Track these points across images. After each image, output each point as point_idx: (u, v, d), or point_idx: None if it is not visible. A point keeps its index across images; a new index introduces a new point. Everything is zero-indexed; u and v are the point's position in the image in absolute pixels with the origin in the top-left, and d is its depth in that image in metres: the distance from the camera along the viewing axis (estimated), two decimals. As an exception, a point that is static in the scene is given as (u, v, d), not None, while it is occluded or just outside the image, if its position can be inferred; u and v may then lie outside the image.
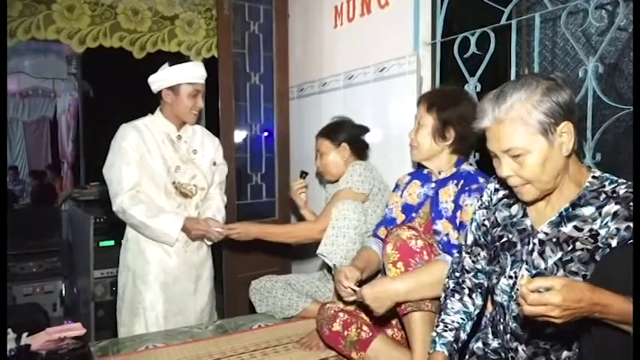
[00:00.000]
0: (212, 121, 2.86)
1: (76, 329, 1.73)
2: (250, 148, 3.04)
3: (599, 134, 1.53)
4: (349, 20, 2.52)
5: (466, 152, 1.73)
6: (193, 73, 2.01)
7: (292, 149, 3.10)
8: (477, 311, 1.35)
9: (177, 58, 2.27)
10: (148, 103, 2.13)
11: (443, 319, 1.33)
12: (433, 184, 1.72)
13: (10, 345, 1.52)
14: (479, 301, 1.35)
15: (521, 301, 0.91)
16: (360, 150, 2.17)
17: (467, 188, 1.57)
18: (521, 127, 1.07)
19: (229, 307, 2.81)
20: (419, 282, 1.44)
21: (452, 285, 1.37)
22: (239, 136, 2.99)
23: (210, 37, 3.04)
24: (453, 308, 1.33)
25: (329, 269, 2.06)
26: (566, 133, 1.06)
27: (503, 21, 1.79)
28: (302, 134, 3.00)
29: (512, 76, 1.77)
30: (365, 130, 2.18)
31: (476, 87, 1.90)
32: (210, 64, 3.23)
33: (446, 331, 1.30)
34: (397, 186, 1.88)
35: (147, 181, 2.00)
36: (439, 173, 1.71)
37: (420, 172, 1.80)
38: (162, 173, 2.01)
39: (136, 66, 3.18)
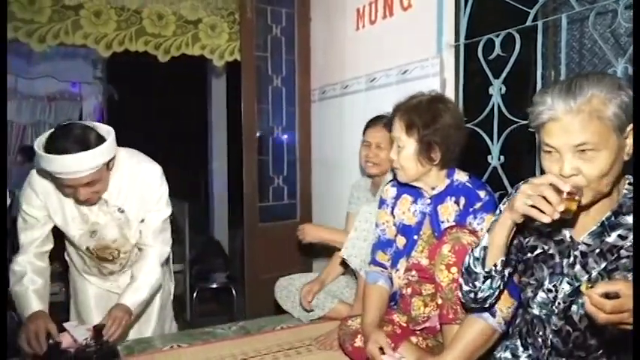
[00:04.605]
0: (235, 123, 2.89)
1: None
2: (272, 150, 3.07)
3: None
4: (371, 23, 2.52)
5: (455, 160, 1.61)
6: (52, 167, 1.54)
7: (314, 151, 3.11)
8: None
9: (201, 62, 2.24)
10: (170, 106, 2.14)
11: None
12: (428, 200, 1.63)
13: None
14: None
15: (592, 309, 0.85)
16: None
17: (471, 209, 1.50)
18: (596, 120, 0.98)
19: (252, 308, 2.83)
20: (466, 352, 1.32)
21: None
22: (261, 138, 3.02)
23: (232, 41, 3.08)
24: None
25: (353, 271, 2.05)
26: (631, 136, 1.02)
27: (528, 22, 1.76)
28: (324, 136, 3.00)
29: (538, 79, 1.75)
30: None
31: (500, 89, 1.87)
32: (233, 67, 3.28)
33: None
34: (383, 201, 1.76)
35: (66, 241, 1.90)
36: (432, 189, 1.61)
37: (407, 185, 1.66)
38: (73, 238, 1.81)
39: (161, 69, 3.25)
